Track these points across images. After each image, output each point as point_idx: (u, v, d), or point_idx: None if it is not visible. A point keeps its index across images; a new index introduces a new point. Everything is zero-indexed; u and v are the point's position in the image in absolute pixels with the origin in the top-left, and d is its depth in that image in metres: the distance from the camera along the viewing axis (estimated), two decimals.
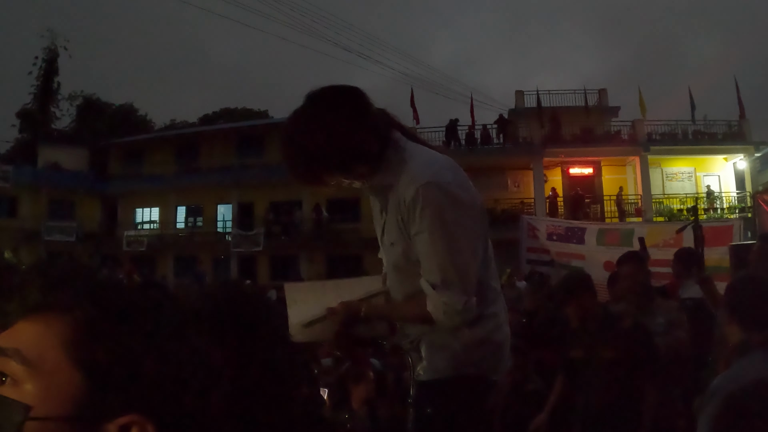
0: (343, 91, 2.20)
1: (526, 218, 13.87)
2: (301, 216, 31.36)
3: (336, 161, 2.15)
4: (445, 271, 2.11)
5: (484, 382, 2.31)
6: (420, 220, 2.09)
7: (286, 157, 2.19)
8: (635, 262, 5.22)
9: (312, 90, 2.20)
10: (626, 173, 30.26)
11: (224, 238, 32.86)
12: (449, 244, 2.10)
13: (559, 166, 30.31)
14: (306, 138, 2.12)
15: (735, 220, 14.53)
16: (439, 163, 2.19)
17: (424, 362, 2.32)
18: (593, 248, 11.09)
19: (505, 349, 2.37)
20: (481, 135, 30.13)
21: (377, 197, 2.35)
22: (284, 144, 2.19)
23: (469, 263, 2.15)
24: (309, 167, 2.18)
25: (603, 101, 31.88)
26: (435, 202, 2.07)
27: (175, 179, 34.42)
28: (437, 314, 2.14)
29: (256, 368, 1.15)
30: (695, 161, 30.01)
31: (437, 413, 2.26)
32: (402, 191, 2.14)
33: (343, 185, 2.28)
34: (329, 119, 2.11)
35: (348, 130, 2.11)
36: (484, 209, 2.30)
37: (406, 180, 2.13)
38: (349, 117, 2.13)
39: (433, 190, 2.07)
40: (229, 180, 32.71)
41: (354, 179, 2.25)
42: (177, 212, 35.49)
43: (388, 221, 2.28)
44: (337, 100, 2.17)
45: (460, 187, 2.14)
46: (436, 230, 2.08)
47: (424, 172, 2.12)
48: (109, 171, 37.23)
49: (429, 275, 2.14)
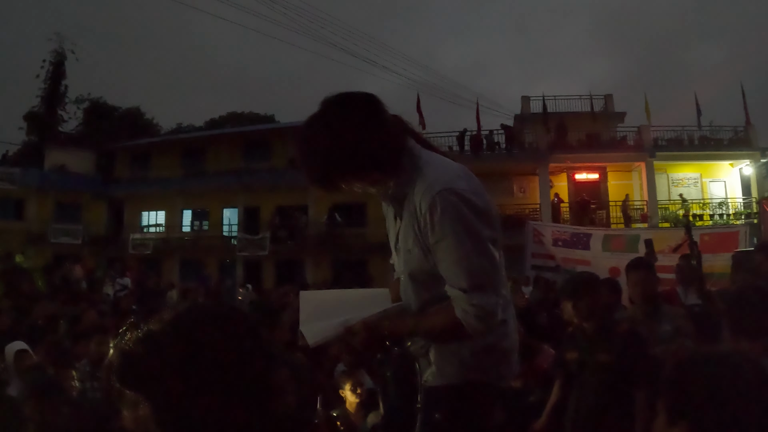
0: (359, 97, 2.20)
1: (531, 224, 13.88)
2: (307, 221, 31.33)
3: (350, 167, 2.15)
4: (473, 275, 2.08)
5: (492, 389, 2.31)
6: (440, 227, 2.07)
7: (301, 160, 2.19)
8: (644, 268, 5.18)
9: (327, 95, 2.20)
10: (632, 179, 30.14)
11: (230, 242, 32.85)
12: (473, 248, 2.08)
13: (564, 172, 30.23)
14: (321, 143, 2.12)
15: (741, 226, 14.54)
16: (453, 171, 2.18)
17: (433, 368, 2.32)
18: (599, 254, 11.10)
19: (513, 356, 2.36)
20: (486, 141, 30.08)
21: (391, 204, 2.35)
22: (299, 148, 2.19)
23: (493, 266, 2.14)
24: (323, 172, 2.18)
25: (609, 107, 31.87)
26: (452, 209, 2.06)
27: (182, 183, 34.47)
28: (468, 318, 2.09)
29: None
30: (701, 167, 29.89)
31: (445, 419, 2.26)
32: (417, 199, 2.13)
33: (357, 190, 2.28)
34: (344, 125, 2.11)
35: (363, 136, 2.11)
36: (497, 217, 2.28)
37: (421, 188, 2.13)
38: (364, 123, 2.13)
39: (449, 197, 2.06)
40: (236, 184, 32.70)
41: (368, 185, 2.26)
42: (183, 216, 35.52)
43: (403, 228, 2.27)
44: (352, 106, 2.17)
45: (474, 194, 2.13)
46: (457, 235, 2.06)
47: (439, 179, 2.11)
48: (115, 174, 37.37)
49: (456, 281, 2.10)
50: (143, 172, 36.43)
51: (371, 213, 29.31)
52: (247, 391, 1.16)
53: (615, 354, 4.12)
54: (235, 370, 1.15)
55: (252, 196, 32.88)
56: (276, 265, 31.38)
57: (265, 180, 32.10)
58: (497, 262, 2.18)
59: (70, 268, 24.80)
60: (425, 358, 2.35)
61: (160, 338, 1.18)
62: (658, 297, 5.14)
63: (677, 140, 29.72)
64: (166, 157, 36.22)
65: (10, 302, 11.35)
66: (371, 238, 29.21)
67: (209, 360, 1.13)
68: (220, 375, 1.14)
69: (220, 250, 32.57)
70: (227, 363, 1.15)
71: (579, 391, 4.34)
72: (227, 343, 1.17)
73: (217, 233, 34.20)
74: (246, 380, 1.16)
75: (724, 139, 29.48)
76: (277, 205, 32.24)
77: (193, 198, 34.50)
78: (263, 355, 1.23)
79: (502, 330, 2.28)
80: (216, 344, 1.16)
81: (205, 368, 1.14)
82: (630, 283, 5.13)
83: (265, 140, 35.07)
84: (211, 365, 1.14)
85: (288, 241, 30.91)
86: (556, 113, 30.52)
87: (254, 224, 32.39)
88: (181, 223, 35.37)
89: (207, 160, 35.37)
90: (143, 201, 35.62)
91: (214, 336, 1.18)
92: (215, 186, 33.38)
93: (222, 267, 32.00)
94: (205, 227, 35.16)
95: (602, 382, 4.13)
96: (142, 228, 35.62)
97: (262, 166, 33.07)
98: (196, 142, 37.83)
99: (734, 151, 28.79)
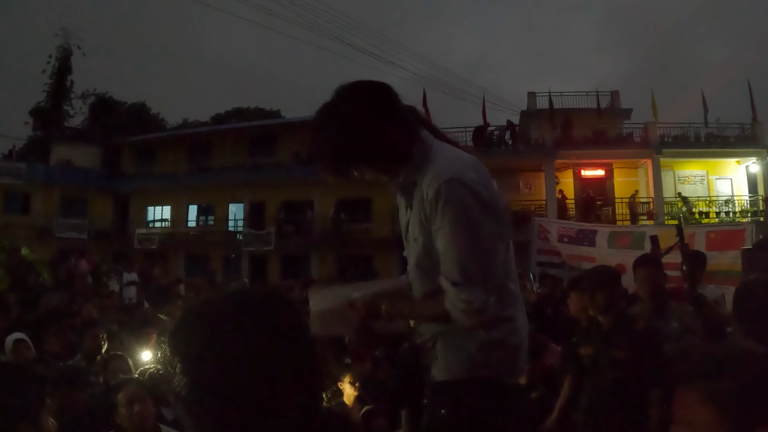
0: (372, 86, 2.23)
1: (537, 220, 13.83)
2: (312, 216, 31.34)
3: (362, 154, 2.18)
4: (465, 268, 2.08)
5: (498, 386, 2.28)
6: (441, 215, 2.08)
7: (313, 147, 2.22)
8: (652, 265, 5.12)
9: (341, 84, 2.22)
10: (638, 176, 30.09)
11: (235, 237, 32.85)
12: (470, 241, 2.08)
13: (570, 169, 30.20)
14: (333, 130, 2.14)
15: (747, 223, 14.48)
16: (463, 162, 2.19)
17: (439, 363, 2.32)
18: (604, 251, 11.05)
19: (521, 352, 2.34)
20: (496, 137, 30.00)
21: (402, 194, 2.35)
22: (312, 135, 2.22)
23: (490, 261, 2.13)
24: (335, 159, 2.20)
25: (615, 103, 31.76)
26: (457, 198, 2.06)
27: (187, 178, 34.52)
28: (455, 312, 2.11)
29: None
30: (708, 164, 29.82)
31: (451, 415, 2.26)
32: (425, 187, 2.14)
33: (368, 178, 2.30)
34: (358, 112, 2.14)
35: (375, 124, 2.14)
36: (507, 211, 2.30)
37: (429, 176, 2.13)
38: (376, 111, 2.15)
39: (455, 187, 2.07)
40: (241, 179, 32.67)
41: (379, 173, 2.27)
42: (189, 211, 35.53)
43: (412, 218, 2.28)
44: (365, 95, 2.19)
45: (483, 185, 2.13)
46: (457, 226, 2.07)
47: (447, 168, 2.12)
48: (121, 169, 37.40)
49: (448, 272, 2.12)
50: (149, 167, 36.42)
51: (377, 209, 29.33)
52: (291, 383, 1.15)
53: (631, 350, 4.06)
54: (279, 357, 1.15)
55: (258, 191, 32.85)
56: (281, 260, 31.40)
57: (270, 175, 32.13)
58: (497, 256, 2.18)
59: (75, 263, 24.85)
60: (432, 353, 2.35)
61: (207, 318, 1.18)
62: (665, 294, 5.08)
63: (684, 137, 29.63)
64: (171, 152, 36.24)
65: (16, 296, 11.37)
66: (376, 233, 29.27)
67: (250, 346, 1.13)
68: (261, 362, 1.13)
69: (225, 245, 32.56)
70: (270, 350, 1.14)
71: (592, 387, 4.28)
72: (273, 330, 1.17)
73: (223, 228, 34.23)
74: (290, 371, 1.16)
75: (730, 137, 29.39)
76: (282, 200, 32.22)
77: (199, 193, 34.48)
78: (305, 343, 1.23)
79: (509, 326, 2.27)
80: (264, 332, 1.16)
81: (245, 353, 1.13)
82: (637, 279, 5.04)
83: (270, 135, 35.10)
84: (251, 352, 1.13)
85: (293, 237, 30.93)
86: (562, 109, 30.41)
87: (260, 219, 32.39)
88: (186, 218, 35.39)
89: (213, 155, 35.38)
90: (149, 196, 35.63)
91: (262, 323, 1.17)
92: (221, 181, 33.38)
93: (227, 262, 32.00)
94: (210, 222, 35.23)
95: (616, 379, 4.06)
96: (148, 223, 35.65)
97: (267, 161, 33.12)
98: (202, 137, 37.82)
99: (741, 149, 28.71)
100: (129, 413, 3.78)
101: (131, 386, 3.97)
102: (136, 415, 3.79)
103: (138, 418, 3.79)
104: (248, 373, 1.10)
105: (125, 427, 3.80)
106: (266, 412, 1.10)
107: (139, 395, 3.88)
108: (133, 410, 3.79)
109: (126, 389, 3.91)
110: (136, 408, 3.80)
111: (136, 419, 3.79)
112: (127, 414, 3.79)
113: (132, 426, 3.79)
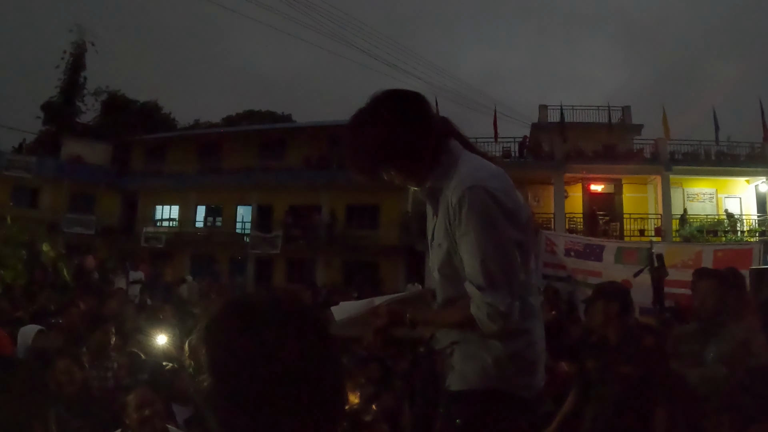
0: (407, 94, 2.31)
1: (544, 233, 13.79)
2: (320, 221, 31.36)
3: (393, 159, 2.26)
4: (490, 272, 2.11)
5: (514, 400, 2.27)
6: (466, 221, 2.13)
7: (347, 148, 2.31)
8: (716, 278, 4.63)
9: (376, 91, 2.30)
10: (647, 192, 30.03)
11: (242, 239, 32.94)
12: (495, 245, 2.12)
13: (580, 182, 30.16)
14: (368, 133, 2.22)
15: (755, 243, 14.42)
16: (488, 170, 2.25)
17: (456, 372, 2.33)
18: (611, 266, 11.03)
19: (538, 367, 2.34)
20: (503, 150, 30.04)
21: (430, 200, 2.41)
22: (347, 136, 2.30)
23: (514, 267, 2.16)
24: (367, 161, 2.29)
25: (626, 119, 31.67)
26: (481, 205, 2.11)
27: (196, 178, 34.62)
28: (480, 316, 2.13)
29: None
30: (717, 182, 29.72)
31: (465, 425, 2.26)
32: (449, 194, 2.19)
33: (396, 183, 2.36)
34: (391, 119, 2.21)
35: (407, 130, 2.21)
36: (530, 223, 2.33)
37: (454, 183, 2.19)
38: (408, 118, 2.22)
39: (478, 193, 2.12)
40: (250, 182, 32.78)
41: (407, 179, 2.34)
42: (196, 211, 35.69)
43: (438, 224, 2.32)
44: (400, 102, 2.26)
45: (505, 194, 2.19)
46: (482, 231, 2.11)
47: (471, 175, 2.18)
48: (130, 167, 37.55)
49: (474, 276, 2.15)
50: (158, 165, 36.54)
51: (384, 216, 29.35)
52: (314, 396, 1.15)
53: (637, 367, 4.03)
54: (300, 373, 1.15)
55: (266, 195, 32.96)
56: (287, 264, 31.47)
57: (279, 179, 32.24)
58: (518, 264, 2.20)
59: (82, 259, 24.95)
60: (448, 361, 2.36)
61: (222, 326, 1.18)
62: (724, 315, 4.40)
63: (694, 154, 29.52)
64: (181, 152, 36.35)
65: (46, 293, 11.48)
66: (383, 240, 29.26)
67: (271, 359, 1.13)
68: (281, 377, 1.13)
69: (232, 246, 32.68)
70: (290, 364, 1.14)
71: (597, 402, 4.23)
72: (292, 342, 1.17)
73: (230, 230, 34.31)
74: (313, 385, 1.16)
75: (741, 155, 29.27)
76: (290, 204, 32.34)
77: (207, 194, 34.64)
78: (330, 358, 1.22)
79: (525, 339, 2.29)
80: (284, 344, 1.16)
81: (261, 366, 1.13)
82: (697, 292, 4.63)
83: (281, 139, 35.18)
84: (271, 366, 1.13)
85: (300, 241, 30.96)
86: (573, 123, 30.38)
87: (267, 222, 32.50)
88: (194, 218, 35.55)
89: (222, 157, 35.44)
90: (157, 195, 35.82)
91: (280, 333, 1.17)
92: (230, 183, 33.49)
93: (233, 263, 32.11)
94: (218, 223, 35.35)
95: (622, 395, 4.03)
96: (155, 221, 35.80)
97: (277, 165, 33.16)
98: (212, 138, 37.95)
99: (751, 167, 28.59)
100: (138, 417, 3.77)
101: (142, 389, 3.94)
102: (145, 419, 3.77)
103: (147, 422, 3.78)
104: (277, 377, 1.10)
105: (133, 430, 3.79)
106: (292, 415, 1.10)
107: (149, 399, 3.86)
108: (143, 414, 3.77)
109: (136, 392, 3.89)
110: (146, 412, 3.78)
111: (147, 421, 3.78)
112: (136, 417, 3.77)
113: (141, 430, 3.77)
